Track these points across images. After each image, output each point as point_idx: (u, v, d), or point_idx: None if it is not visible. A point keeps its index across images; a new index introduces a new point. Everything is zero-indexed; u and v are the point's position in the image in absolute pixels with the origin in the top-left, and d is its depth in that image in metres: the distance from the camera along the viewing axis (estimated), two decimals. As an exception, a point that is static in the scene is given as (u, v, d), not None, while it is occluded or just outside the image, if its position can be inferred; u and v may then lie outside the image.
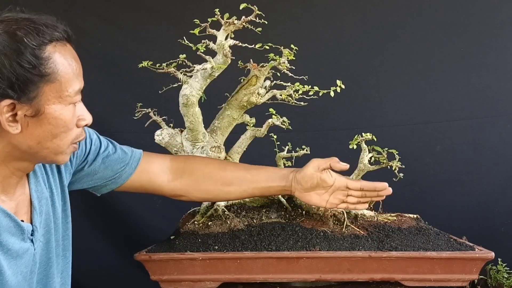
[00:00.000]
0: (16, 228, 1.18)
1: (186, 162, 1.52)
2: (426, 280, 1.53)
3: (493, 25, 2.71)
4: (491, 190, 2.74)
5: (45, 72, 1.10)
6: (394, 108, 2.77)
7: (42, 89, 1.10)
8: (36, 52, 1.09)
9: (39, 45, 1.09)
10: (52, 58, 1.11)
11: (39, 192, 1.28)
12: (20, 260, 1.19)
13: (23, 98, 1.09)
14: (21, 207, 1.23)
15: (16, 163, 1.18)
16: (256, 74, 1.68)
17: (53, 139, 1.16)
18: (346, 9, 2.79)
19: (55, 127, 1.15)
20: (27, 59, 1.07)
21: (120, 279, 2.77)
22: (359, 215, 1.69)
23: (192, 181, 1.48)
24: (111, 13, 2.77)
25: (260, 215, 1.71)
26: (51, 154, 1.18)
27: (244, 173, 1.48)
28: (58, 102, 1.13)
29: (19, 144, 1.14)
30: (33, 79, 1.09)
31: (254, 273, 1.54)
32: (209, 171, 1.49)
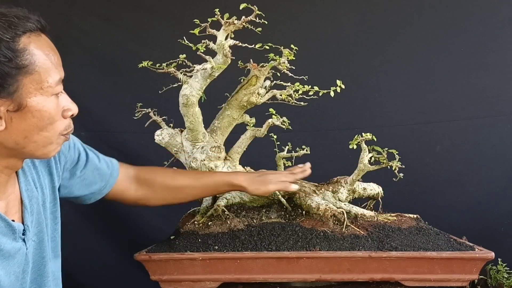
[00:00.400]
0: (7, 228, 1.18)
1: (144, 173, 1.59)
2: (426, 280, 1.53)
3: (493, 25, 2.71)
4: (491, 190, 2.74)
5: (22, 64, 1.09)
6: (394, 108, 2.77)
7: (21, 82, 1.09)
8: (11, 44, 1.07)
9: (12, 37, 1.08)
10: (27, 50, 1.10)
11: (29, 191, 1.27)
12: (12, 260, 1.18)
13: (3, 93, 1.07)
14: (12, 206, 1.22)
15: (4, 161, 1.17)
16: (256, 74, 1.68)
17: (40, 131, 1.14)
18: (346, 9, 2.79)
19: (40, 120, 1.13)
20: (2, 52, 1.06)
21: (120, 279, 2.77)
22: (359, 215, 1.69)
23: (151, 190, 1.58)
24: (111, 13, 2.77)
25: (260, 215, 1.71)
26: (40, 147, 1.17)
27: (194, 181, 1.61)
28: (39, 94, 1.12)
29: (5, 141, 1.13)
30: (10, 72, 1.08)
31: (254, 273, 1.54)
32: (163, 181, 1.59)
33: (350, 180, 1.75)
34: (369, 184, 1.81)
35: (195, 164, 1.73)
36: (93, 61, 2.75)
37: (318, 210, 1.65)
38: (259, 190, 1.59)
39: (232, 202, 1.76)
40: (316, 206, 1.66)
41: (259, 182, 1.58)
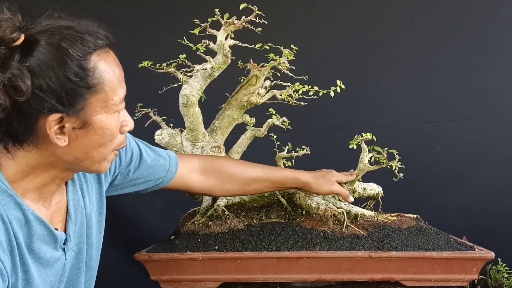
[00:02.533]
0: (49, 237, 1.17)
1: (212, 163, 1.58)
2: (426, 280, 1.53)
3: (493, 25, 2.71)
4: (491, 190, 2.74)
5: (92, 84, 1.07)
6: (394, 108, 2.77)
7: (89, 100, 1.08)
8: (82, 63, 1.05)
9: (84, 55, 1.06)
10: (97, 68, 1.08)
11: (76, 200, 1.26)
12: (50, 269, 1.18)
13: (70, 111, 1.06)
14: (57, 215, 1.22)
15: (58, 172, 1.16)
16: (256, 74, 1.68)
17: (99, 148, 1.14)
18: (346, 9, 2.79)
19: (102, 137, 1.12)
20: (74, 71, 1.04)
21: (120, 279, 2.77)
22: (359, 215, 1.69)
23: (218, 181, 1.57)
24: (111, 13, 2.77)
25: (260, 215, 1.71)
26: (95, 163, 1.16)
27: (263, 175, 1.61)
28: (104, 112, 1.11)
29: (65, 155, 1.12)
30: (80, 92, 1.06)
31: (254, 273, 1.53)
32: (232, 173, 1.59)
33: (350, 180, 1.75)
34: (369, 184, 1.81)
35: (195, 164, 1.73)
36: (93, 61, 2.74)
37: (318, 210, 1.65)
38: (322, 188, 1.64)
39: (232, 202, 1.76)
40: (316, 206, 1.66)
41: (324, 180, 1.64)
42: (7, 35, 1.01)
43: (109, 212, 2.91)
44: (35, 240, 1.13)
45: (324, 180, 1.65)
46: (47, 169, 1.14)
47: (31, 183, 1.14)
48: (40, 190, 1.16)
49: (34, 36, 1.04)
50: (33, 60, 1.03)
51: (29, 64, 1.02)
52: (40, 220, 1.14)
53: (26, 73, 1.01)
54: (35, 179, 1.14)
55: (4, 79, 1.00)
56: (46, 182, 1.16)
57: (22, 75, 1.00)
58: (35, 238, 1.13)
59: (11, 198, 1.09)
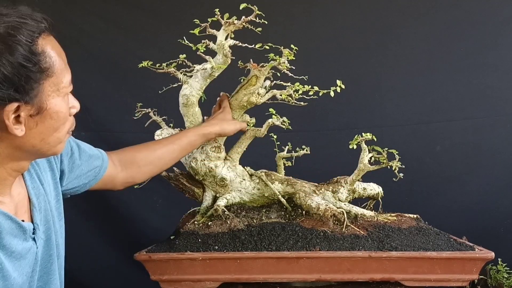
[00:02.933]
0: (18, 230, 1.17)
1: (125, 153, 1.61)
2: (426, 280, 1.53)
3: (493, 25, 2.71)
4: (491, 190, 2.74)
5: (44, 68, 1.07)
6: (394, 108, 2.77)
7: (42, 85, 1.08)
8: (32, 48, 1.05)
9: (32, 40, 1.05)
10: (46, 52, 1.08)
11: (35, 189, 1.26)
12: (24, 261, 1.18)
13: (26, 98, 1.06)
14: (21, 207, 1.22)
15: (14, 164, 1.16)
16: (256, 74, 1.68)
17: (54, 133, 1.14)
18: (346, 9, 2.79)
19: (57, 121, 1.13)
20: (26, 57, 1.04)
21: (120, 279, 2.77)
22: (359, 215, 1.69)
23: (135, 168, 1.61)
24: (111, 13, 2.77)
25: (260, 215, 1.71)
26: (52, 147, 1.16)
27: (171, 145, 1.65)
28: (56, 96, 1.11)
29: (22, 144, 1.12)
30: (35, 77, 1.06)
31: (254, 273, 1.53)
32: (145, 156, 1.62)
33: (350, 180, 1.75)
34: (369, 184, 1.81)
35: (195, 164, 1.73)
36: (93, 61, 2.74)
37: (318, 210, 1.65)
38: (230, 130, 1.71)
39: (232, 202, 1.76)
40: (316, 206, 1.66)
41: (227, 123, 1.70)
42: None
43: (109, 212, 2.93)
44: (4, 235, 1.12)
45: (226, 122, 1.70)
46: (2, 164, 1.14)
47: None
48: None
49: None
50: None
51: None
52: (6, 215, 1.14)
53: None
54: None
55: None
56: (2, 176, 1.15)
57: None
58: (4, 234, 1.12)
59: None
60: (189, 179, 1.81)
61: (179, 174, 1.81)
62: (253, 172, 1.77)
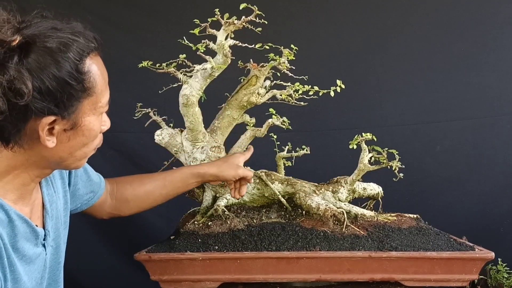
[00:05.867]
0: (31, 234, 1.18)
1: (115, 184, 1.59)
2: (426, 280, 1.53)
3: (493, 25, 2.71)
4: (491, 190, 2.74)
5: (86, 87, 1.09)
6: (394, 108, 2.77)
7: (82, 103, 1.09)
8: (79, 66, 1.07)
9: (80, 59, 1.07)
10: (91, 72, 1.09)
11: (50, 195, 1.27)
12: (33, 266, 1.18)
13: (64, 113, 1.07)
14: (35, 212, 1.22)
15: (38, 171, 1.17)
16: (256, 74, 1.68)
17: (82, 147, 1.16)
18: (346, 9, 2.79)
19: (87, 137, 1.15)
20: (73, 75, 1.05)
21: (120, 279, 2.77)
22: (359, 215, 1.69)
23: (123, 201, 1.59)
24: (111, 13, 2.77)
25: (260, 215, 1.71)
26: (77, 161, 1.18)
27: (162, 181, 1.61)
28: (92, 114, 1.13)
29: (50, 155, 1.13)
30: (77, 95, 1.07)
31: (254, 273, 1.53)
32: (133, 189, 1.59)
33: (350, 180, 1.75)
34: (369, 184, 1.81)
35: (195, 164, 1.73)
36: (93, 61, 2.74)
37: (318, 210, 1.65)
38: (229, 174, 1.62)
39: (232, 202, 1.76)
40: (316, 206, 1.66)
41: (227, 166, 1.62)
42: (8, 37, 1.01)
43: (109, 212, 2.89)
44: (19, 238, 1.14)
45: (227, 165, 1.63)
46: (27, 169, 1.15)
47: (10, 184, 1.14)
48: (19, 189, 1.16)
49: (32, 38, 1.03)
50: (32, 62, 1.02)
51: (29, 67, 1.01)
52: (23, 219, 1.15)
53: (27, 75, 1.00)
54: (14, 180, 1.14)
55: (3, 81, 0.99)
56: (26, 182, 1.16)
57: (23, 77, 1.00)
58: (19, 237, 1.14)
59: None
60: (189, 179, 1.80)
61: (179, 174, 1.81)
62: (253, 172, 1.78)
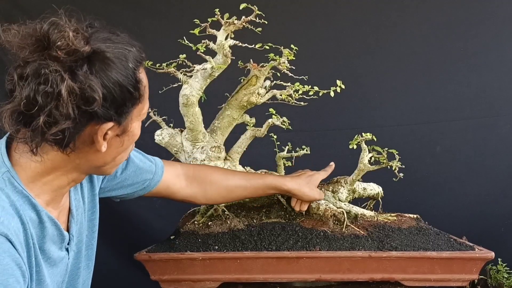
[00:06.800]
0: (58, 237, 1.19)
1: (195, 171, 1.59)
2: (426, 280, 1.53)
3: (493, 25, 2.71)
4: (491, 190, 2.74)
5: (140, 95, 1.11)
6: (394, 108, 2.77)
7: (133, 110, 1.11)
8: (136, 75, 1.09)
9: (137, 68, 1.10)
10: (142, 80, 1.12)
11: (77, 200, 1.28)
12: (56, 269, 1.19)
13: (121, 120, 1.09)
14: (62, 215, 1.23)
15: (76, 175, 1.17)
16: (256, 74, 1.68)
17: (123, 152, 1.18)
18: (346, 9, 2.79)
19: (131, 143, 1.17)
20: (132, 83, 1.08)
21: (120, 279, 2.77)
22: (359, 215, 1.69)
23: (201, 189, 1.57)
24: (111, 13, 2.77)
25: (260, 215, 1.71)
26: (115, 166, 1.20)
27: (245, 182, 1.62)
28: (137, 120, 1.15)
29: (96, 160, 1.14)
30: (133, 102, 1.10)
31: (254, 273, 1.54)
32: (215, 180, 1.58)
33: (350, 180, 1.75)
34: (369, 184, 1.81)
35: (195, 164, 1.73)
36: (93, 61, 2.74)
37: (318, 210, 1.65)
38: (307, 197, 1.64)
39: (232, 203, 1.75)
40: (316, 206, 1.66)
41: (308, 188, 1.64)
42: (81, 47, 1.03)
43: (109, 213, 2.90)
44: (47, 240, 1.15)
45: (308, 188, 1.64)
46: (68, 173, 1.15)
47: (48, 185, 1.14)
48: (55, 192, 1.16)
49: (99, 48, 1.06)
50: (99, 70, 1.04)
51: (97, 75, 1.03)
52: (53, 221, 1.16)
53: (97, 83, 1.02)
54: (53, 181, 1.15)
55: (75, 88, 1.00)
56: (63, 184, 1.17)
57: (93, 85, 1.01)
58: (47, 239, 1.15)
59: (26, 198, 1.10)
60: (189, 179, 1.81)
61: (179, 174, 1.81)
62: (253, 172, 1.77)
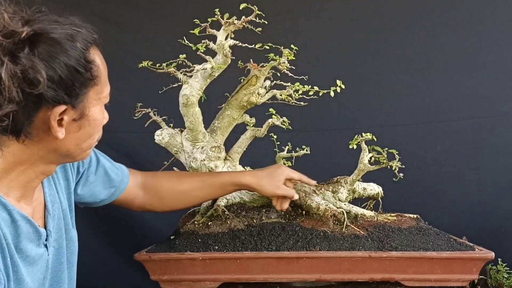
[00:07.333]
0: (34, 234, 1.17)
1: (151, 179, 1.58)
2: (426, 280, 1.53)
3: (493, 25, 2.71)
4: (491, 190, 2.73)
5: (94, 76, 1.11)
6: (394, 108, 2.77)
7: (89, 92, 1.11)
8: (86, 55, 1.09)
9: (86, 48, 1.10)
10: (95, 61, 1.12)
11: (52, 195, 1.27)
12: (36, 267, 1.18)
13: (74, 102, 1.08)
14: (37, 212, 1.22)
15: (44, 167, 1.17)
16: (256, 74, 1.68)
17: (88, 139, 1.17)
18: (346, 9, 2.79)
19: (93, 128, 1.16)
20: (82, 63, 1.07)
21: (120, 279, 2.77)
22: (359, 215, 1.69)
23: (156, 196, 1.57)
24: (111, 13, 2.77)
25: (260, 215, 1.71)
26: (82, 152, 1.19)
27: (199, 183, 1.59)
28: (97, 104, 1.15)
29: (58, 148, 1.13)
30: (86, 83, 1.10)
31: (254, 273, 1.54)
32: (169, 186, 1.58)
33: (350, 180, 1.75)
34: (369, 184, 1.81)
35: (195, 164, 1.73)
36: (93, 61, 2.74)
37: (318, 210, 1.65)
38: (267, 191, 1.59)
39: (232, 202, 1.76)
40: (316, 206, 1.66)
41: (268, 182, 1.58)
42: (18, 28, 1.02)
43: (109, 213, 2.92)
44: (22, 239, 1.13)
45: (269, 181, 1.58)
46: (33, 165, 1.14)
47: (15, 181, 1.14)
48: (24, 187, 1.16)
49: (40, 29, 1.05)
50: (43, 52, 1.03)
51: (40, 56, 1.03)
52: (26, 219, 1.15)
53: (40, 64, 1.02)
54: (20, 176, 1.14)
55: (17, 71, 1.00)
56: (31, 178, 1.16)
57: (36, 66, 1.01)
58: (22, 237, 1.13)
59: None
60: (189, 179, 1.80)
61: (179, 174, 1.81)
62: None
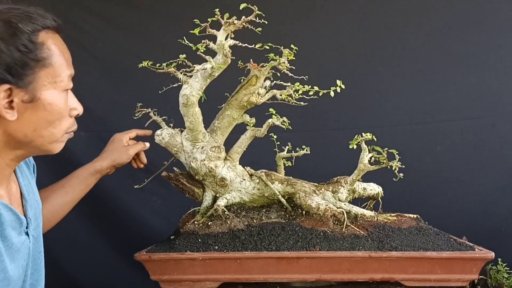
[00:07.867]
0: (16, 222, 1.20)
1: None
2: (426, 280, 1.53)
3: (493, 25, 2.71)
4: (491, 190, 2.73)
5: (40, 57, 1.14)
6: (394, 108, 2.77)
7: (37, 74, 1.14)
8: (31, 37, 1.13)
9: (33, 30, 1.13)
10: (45, 44, 1.15)
11: (26, 186, 1.30)
12: (19, 254, 1.20)
13: (20, 83, 1.12)
14: (14, 200, 1.24)
15: (11, 153, 1.20)
16: (256, 74, 1.68)
17: (48, 126, 1.18)
18: (346, 9, 2.79)
19: (50, 114, 1.17)
20: (24, 43, 1.11)
21: (120, 279, 2.77)
22: (359, 215, 1.69)
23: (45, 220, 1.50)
24: (111, 13, 2.77)
25: (260, 215, 1.71)
26: (46, 143, 1.20)
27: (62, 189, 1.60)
28: (52, 88, 1.17)
29: (14, 132, 1.16)
30: (29, 63, 1.12)
31: (254, 273, 1.54)
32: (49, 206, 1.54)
33: (350, 180, 1.75)
34: (369, 184, 1.81)
35: (195, 164, 1.73)
36: (93, 61, 2.74)
37: (318, 210, 1.65)
38: (123, 160, 1.67)
39: (232, 202, 1.75)
40: (316, 206, 1.66)
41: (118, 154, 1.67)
42: None
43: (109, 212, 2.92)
44: (5, 227, 1.16)
45: (117, 152, 1.68)
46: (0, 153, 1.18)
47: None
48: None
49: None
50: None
51: None
52: (7, 207, 1.17)
53: None
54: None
55: None
56: (1, 167, 1.19)
57: None
58: (5, 225, 1.16)
59: None
60: (189, 179, 1.81)
61: (179, 174, 1.81)
62: (253, 172, 1.77)
